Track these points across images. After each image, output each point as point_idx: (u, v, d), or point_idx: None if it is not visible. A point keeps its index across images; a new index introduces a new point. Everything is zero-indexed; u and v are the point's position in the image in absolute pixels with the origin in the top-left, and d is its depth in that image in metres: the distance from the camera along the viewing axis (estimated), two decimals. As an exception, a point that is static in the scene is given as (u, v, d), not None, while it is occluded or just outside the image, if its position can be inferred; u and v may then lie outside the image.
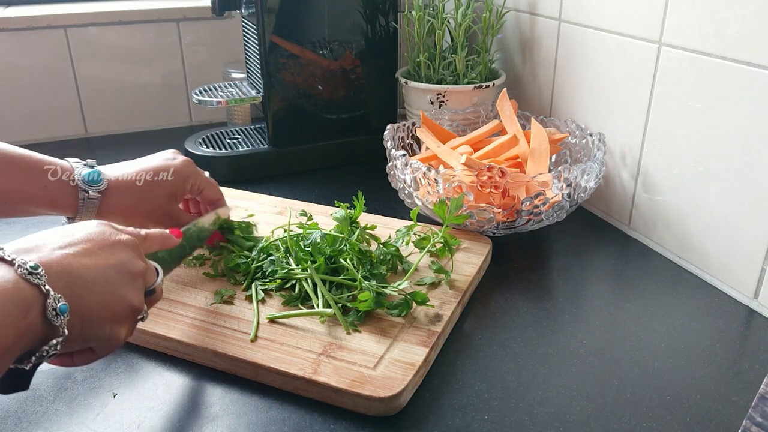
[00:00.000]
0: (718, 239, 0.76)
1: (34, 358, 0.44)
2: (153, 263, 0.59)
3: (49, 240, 0.48)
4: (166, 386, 0.61)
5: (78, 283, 0.46)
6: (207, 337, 0.64)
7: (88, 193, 0.67)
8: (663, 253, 0.85)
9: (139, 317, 0.53)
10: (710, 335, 0.69)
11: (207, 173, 0.79)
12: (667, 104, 0.79)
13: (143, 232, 0.59)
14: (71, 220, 0.68)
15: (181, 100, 1.35)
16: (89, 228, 0.52)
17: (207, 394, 0.60)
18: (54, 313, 0.43)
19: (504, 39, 1.14)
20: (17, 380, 0.46)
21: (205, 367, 0.64)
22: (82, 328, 0.46)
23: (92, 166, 0.69)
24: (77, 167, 0.68)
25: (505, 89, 0.97)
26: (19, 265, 0.43)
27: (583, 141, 0.90)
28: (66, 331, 0.44)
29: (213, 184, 0.79)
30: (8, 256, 0.43)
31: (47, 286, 0.43)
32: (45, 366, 0.62)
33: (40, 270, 0.43)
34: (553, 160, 0.96)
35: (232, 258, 0.76)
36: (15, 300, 0.41)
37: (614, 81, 0.87)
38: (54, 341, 0.44)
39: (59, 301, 0.44)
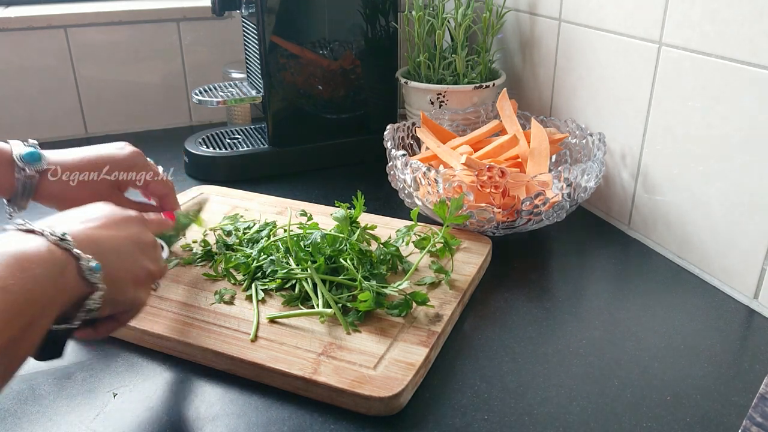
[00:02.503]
0: (718, 239, 0.76)
1: (80, 314, 0.47)
2: (159, 240, 0.62)
3: (69, 218, 0.52)
4: (166, 386, 0.61)
5: (102, 250, 0.50)
6: (207, 337, 0.64)
7: (25, 171, 0.65)
8: (663, 253, 0.85)
9: (153, 286, 0.58)
10: (710, 335, 0.68)
11: (161, 169, 0.76)
12: (667, 104, 0.79)
13: (145, 215, 0.61)
14: (10, 203, 0.66)
15: (181, 100, 1.35)
16: (102, 208, 0.55)
17: (207, 394, 0.60)
18: (90, 271, 0.47)
19: (504, 39, 1.14)
20: (54, 346, 0.48)
21: (206, 367, 0.63)
22: (111, 289, 0.49)
23: (33, 147, 0.68)
24: (16, 147, 0.67)
25: (505, 89, 0.97)
26: (51, 234, 0.46)
27: (583, 141, 0.90)
28: (104, 286, 0.48)
29: (160, 179, 0.76)
30: (38, 228, 0.47)
31: (76, 250, 0.47)
32: (45, 365, 0.62)
33: (68, 237, 0.47)
34: (553, 160, 0.96)
35: (232, 258, 0.76)
36: (51, 261, 0.45)
37: (614, 81, 0.87)
38: (96, 294, 0.47)
39: (91, 261, 0.47)
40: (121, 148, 0.74)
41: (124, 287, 0.52)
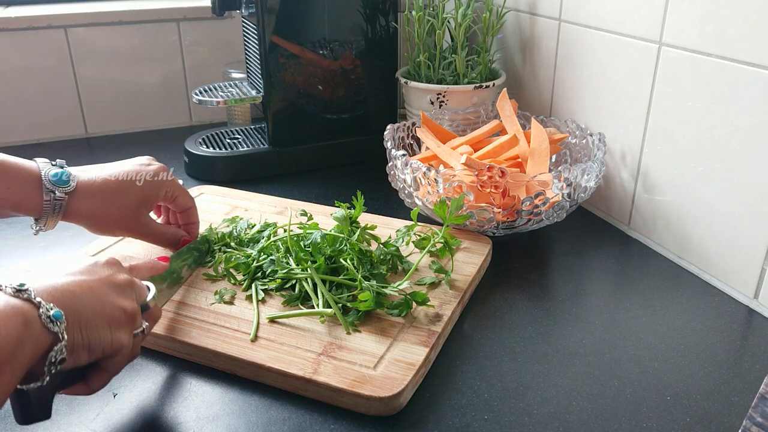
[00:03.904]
0: (718, 239, 0.76)
1: (46, 369, 0.45)
2: (145, 282, 0.60)
3: (31, 274, 0.51)
4: (166, 386, 0.61)
5: (66, 295, 0.48)
6: (207, 337, 0.64)
7: (54, 193, 0.65)
8: (663, 253, 0.85)
9: (137, 330, 0.54)
10: (710, 335, 0.69)
11: (181, 181, 0.77)
12: (667, 104, 0.79)
13: (128, 265, 0.61)
14: (38, 222, 0.67)
15: (181, 100, 1.35)
16: (69, 260, 0.56)
17: (207, 394, 0.60)
18: (49, 320, 0.45)
19: (504, 39, 1.14)
20: (37, 407, 0.47)
21: (206, 367, 0.64)
22: (82, 334, 0.48)
23: (61, 167, 0.67)
24: (44, 167, 0.66)
25: (505, 89, 0.97)
26: (7, 286, 0.45)
27: (583, 141, 0.90)
28: (65, 336, 0.46)
29: (185, 192, 0.77)
30: None
31: (37, 298, 0.45)
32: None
33: (26, 286, 0.45)
34: (553, 160, 0.96)
35: (232, 258, 0.76)
36: (11, 312, 0.43)
37: (614, 81, 0.87)
38: (58, 346, 0.45)
39: (51, 309, 0.45)
40: (147, 165, 0.73)
41: (97, 330, 0.49)
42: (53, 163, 0.68)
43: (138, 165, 0.73)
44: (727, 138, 0.72)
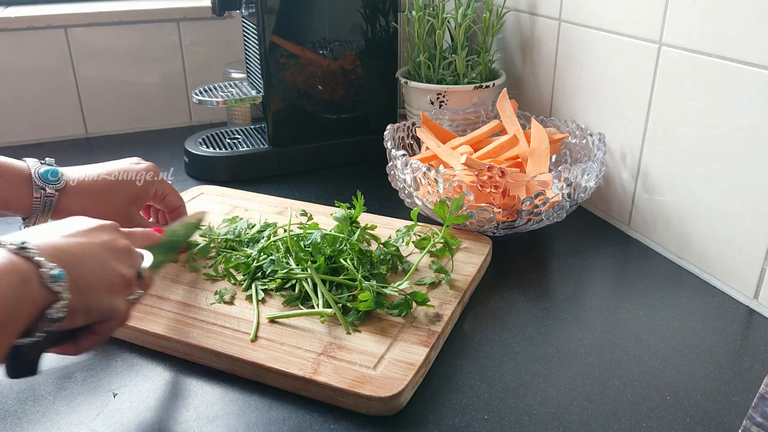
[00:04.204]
0: (718, 239, 0.76)
1: (42, 325, 0.45)
2: (140, 250, 0.60)
3: (34, 230, 0.50)
4: (166, 386, 0.61)
5: (68, 256, 0.48)
6: (207, 337, 0.64)
7: (45, 190, 0.65)
8: (663, 253, 0.85)
9: (131, 297, 0.55)
10: (710, 335, 0.68)
11: (170, 180, 0.78)
12: (667, 104, 0.79)
13: (125, 230, 0.60)
14: (26, 221, 0.67)
15: (181, 100, 1.35)
16: (73, 220, 0.54)
17: (207, 394, 0.60)
18: (51, 279, 0.45)
19: (504, 39, 1.14)
20: (26, 363, 0.47)
21: (206, 367, 0.64)
22: (82, 297, 0.48)
23: (51, 165, 0.68)
24: (34, 166, 0.67)
25: (505, 89, 0.97)
26: (10, 243, 0.45)
27: (583, 141, 0.90)
28: (68, 294, 0.46)
29: (175, 191, 0.78)
30: None
31: (38, 258, 0.45)
32: (46, 365, 0.62)
33: (28, 244, 0.45)
34: (553, 160, 0.96)
35: (232, 258, 0.76)
36: (10, 270, 0.43)
37: (614, 81, 0.87)
38: (58, 304, 0.45)
39: (54, 269, 0.45)
40: (137, 164, 0.74)
41: (97, 294, 0.50)
42: (42, 161, 0.68)
43: (128, 164, 0.73)
44: (727, 138, 0.72)
